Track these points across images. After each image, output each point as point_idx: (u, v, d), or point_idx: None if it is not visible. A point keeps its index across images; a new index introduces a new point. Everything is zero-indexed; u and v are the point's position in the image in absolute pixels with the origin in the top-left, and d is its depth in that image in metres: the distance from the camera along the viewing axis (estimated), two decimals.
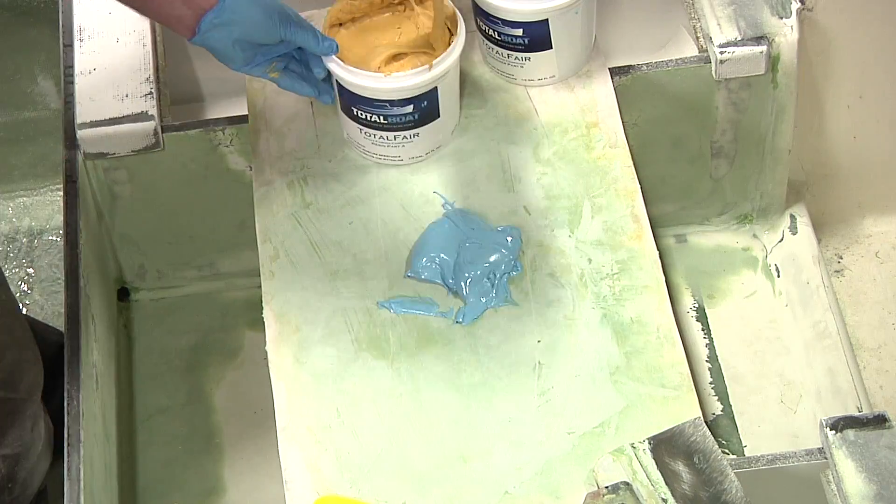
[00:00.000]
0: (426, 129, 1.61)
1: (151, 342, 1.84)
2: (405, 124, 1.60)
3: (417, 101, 1.58)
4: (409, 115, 1.59)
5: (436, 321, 1.54)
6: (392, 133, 1.61)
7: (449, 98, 1.62)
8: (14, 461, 1.61)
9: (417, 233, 1.59)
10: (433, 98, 1.59)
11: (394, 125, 1.60)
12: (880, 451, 1.41)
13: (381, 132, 1.61)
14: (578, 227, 1.59)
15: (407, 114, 1.59)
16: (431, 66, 1.56)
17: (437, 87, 1.58)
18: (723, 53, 1.70)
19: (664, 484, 1.39)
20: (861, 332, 1.89)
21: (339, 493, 1.43)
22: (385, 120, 1.59)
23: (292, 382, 1.50)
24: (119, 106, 1.71)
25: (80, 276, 1.65)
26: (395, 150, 1.63)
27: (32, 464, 1.65)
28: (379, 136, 1.61)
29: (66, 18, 1.80)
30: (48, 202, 2.25)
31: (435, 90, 1.58)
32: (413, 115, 1.59)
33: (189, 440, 1.76)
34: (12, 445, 1.60)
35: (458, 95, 1.65)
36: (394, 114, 1.58)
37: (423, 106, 1.59)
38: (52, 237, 2.23)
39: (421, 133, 1.61)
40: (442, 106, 1.60)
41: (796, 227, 1.88)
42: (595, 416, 1.46)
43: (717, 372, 1.78)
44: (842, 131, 1.89)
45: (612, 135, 1.66)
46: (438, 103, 1.60)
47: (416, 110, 1.59)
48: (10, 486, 1.61)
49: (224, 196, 1.79)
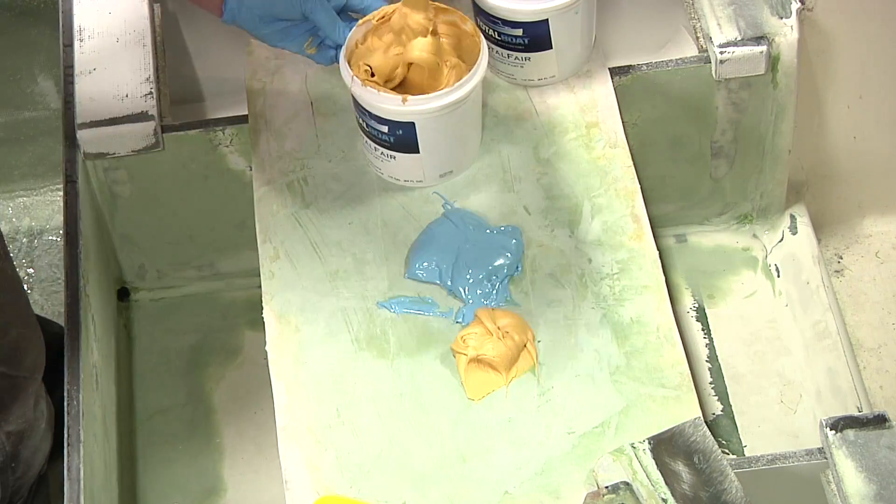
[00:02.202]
0: (404, 157, 1.59)
1: (151, 342, 1.84)
2: (383, 141, 1.58)
3: (392, 125, 1.56)
4: (385, 135, 1.57)
5: (436, 321, 1.54)
6: (374, 144, 1.60)
7: (432, 137, 1.57)
8: (18, 438, 1.61)
9: (417, 233, 1.59)
10: (410, 130, 1.56)
11: (373, 137, 1.59)
12: (880, 451, 1.41)
13: (368, 139, 1.60)
14: (578, 227, 1.59)
15: (382, 133, 1.57)
16: (406, 99, 1.53)
17: (415, 123, 1.55)
18: (723, 53, 1.70)
19: (664, 484, 1.39)
20: (861, 332, 1.89)
21: (339, 493, 1.43)
22: (368, 128, 1.58)
23: (292, 382, 1.50)
24: (119, 106, 1.71)
25: (80, 276, 1.65)
26: (379, 164, 1.62)
27: (35, 444, 1.65)
28: (371, 146, 1.61)
29: (66, 18, 1.80)
30: (48, 202, 2.25)
31: (412, 125, 1.55)
32: (388, 138, 1.57)
33: (189, 440, 1.76)
34: (16, 422, 1.60)
35: (458, 138, 1.60)
36: (373, 127, 1.57)
37: (399, 134, 1.57)
38: (52, 237, 2.23)
39: (398, 158, 1.60)
40: (422, 141, 1.57)
41: (796, 227, 1.88)
42: (595, 416, 1.46)
43: (717, 372, 1.78)
44: (842, 131, 1.89)
45: (612, 135, 1.66)
46: (416, 137, 1.56)
47: (390, 133, 1.57)
48: (13, 466, 1.62)
49: (224, 196, 1.79)
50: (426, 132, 1.56)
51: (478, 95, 1.59)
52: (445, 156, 1.60)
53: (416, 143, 1.57)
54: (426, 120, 1.55)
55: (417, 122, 1.55)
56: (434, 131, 1.56)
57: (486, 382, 1.48)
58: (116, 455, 1.71)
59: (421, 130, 1.56)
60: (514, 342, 1.48)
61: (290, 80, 1.72)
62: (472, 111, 1.60)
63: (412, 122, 1.55)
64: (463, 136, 1.61)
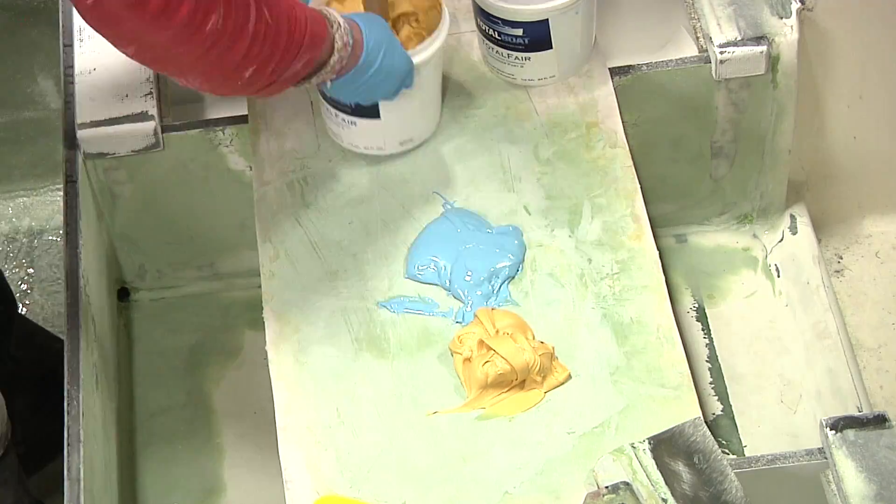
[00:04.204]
0: (364, 123, 1.61)
1: (151, 342, 1.84)
2: (344, 108, 1.60)
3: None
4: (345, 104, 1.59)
5: (436, 321, 1.54)
6: (334, 111, 1.61)
7: (392, 103, 1.57)
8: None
9: (417, 233, 1.59)
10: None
11: (334, 103, 1.60)
12: (880, 451, 1.41)
13: (327, 105, 1.61)
14: (578, 227, 1.59)
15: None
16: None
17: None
18: (723, 53, 1.70)
19: (664, 484, 1.39)
20: (861, 332, 1.89)
21: (339, 493, 1.43)
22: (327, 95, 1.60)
23: (292, 382, 1.50)
24: (119, 106, 1.71)
25: (80, 276, 1.65)
26: (339, 130, 1.63)
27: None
28: (332, 112, 1.62)
29: (66, 18, 1.80)
30: (48, 202, 2.25)
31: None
32: (350, 105, 1.59)
33: (189, 440, 1.76)
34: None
35: (418, 106, 1.61)
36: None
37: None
38: (52, 237, 2.23)
39: (359, 124, 1.61)
40: (382, 106, 1.58)
41: (796, 227, 1.88)
42: (595, 416, 1.46)
43: (717, 372, 1.78)
44: (842, 131, 1.89)
45: (612, 135, 1.66)
46: (377, 103, 1.58)
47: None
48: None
49: (224, 196, 1.79)
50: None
51: (437, 64, 1.60)
52: (406, 123, 1.62)
53: (377, 109, 1.58)
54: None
55: None
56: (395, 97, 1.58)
57: (523, 400, 1.48)
58: (116, 455, 1.71)
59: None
60: (544, 352, 1.48)
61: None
62: (432, 79, 1.61)
63: None
64: (423, 104, 1.62)
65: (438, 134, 1.67)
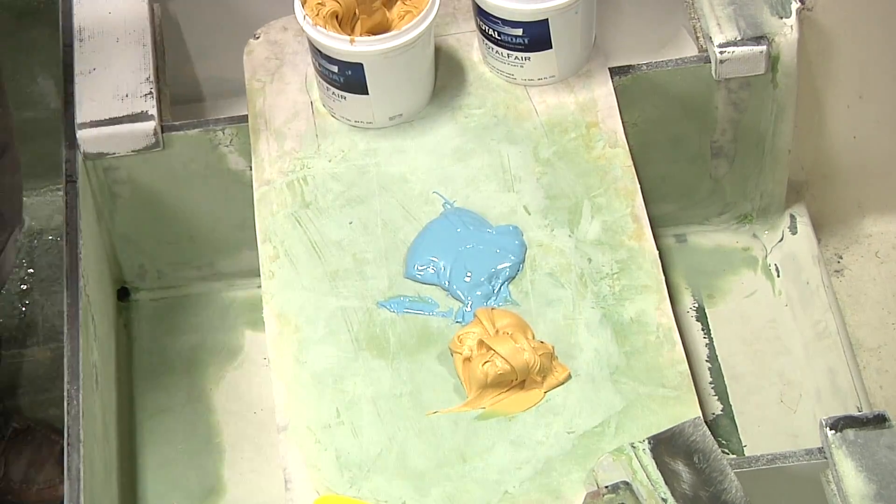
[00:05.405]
0: (354, 98, 1.63)
1: (151, 342, 1.84)
2: (333, 81, 1.62)
3: (342, 66, 1.60)
4: (335, 75, 1.61)
5: (436, 321, 1.54)
6: (326, 84, 1.64)
7: (380, 78, 1.61)
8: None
9: (417, 233, 1.59)
10: (359, 71, 1.60)
11: (325, 77, 1.63)
12: (880, 450, 1.41)
13: (321, 79, 1.64)
14: (578, 226, 1.59)
15: (332, 73, 1.61)
16: (353, 40, 1.57)
17: (363, 64, 1.59)
18: (723, 53, 1.70)
19: (664, 484, 1.39)
20: (861, 332, 1.89)
21: (339, 493, 1.43)
22: (320, 67, 1.63)
23: (292, 382, 1.50)
24: (119, 106, 1.71)
25: (80, 276, 1.65)
26: (332, 104, 1.65)
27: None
28: (324, 85, 1.65)
29: (66, 18, 1.80)
30: (48, 202, 2.25)
31: (361, 66, 1.59)
32: (338, 78, 1.61)
33: (189, 440, 1.76)
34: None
35: (407, 82, 1.64)
36: (324, 66, 1.61)
37: (349, 74, 1.60)
38: (52, 237, 2.23)
39: (348, 99, 1.63)
40: (371, 82, 1.61)
41: (796, 227, 1.88)
42: (595, 416, 1.46)
43: (717, 372, 1.78)
44: (842, 131, 1.89)
45: (612, 135, 1.66)
46: (365, 79, 1.60)
47: (340, 73, 1.61)
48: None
49: (224, 196, 1.79)
50: (374, 74, 1.60)
51: (428, 40, 1.62)
52: (395, 98, 1.64)
53: (366, 85, 1.61)
54: (374, 62, 1.59)
55: (366, 63, 1.59)
56: (382, 73, 1.61)
57: (523, 399, 1.48)
58: (116, 455, 1.71)
59: (369, 72, 1.60)
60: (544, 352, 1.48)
61: (290, 80, 1.72)
62: (422, 55, 1.63)
63: (360, 63, 1.59)
64: (412, 80, 1.64)
65: (438, 134, 1.67)
